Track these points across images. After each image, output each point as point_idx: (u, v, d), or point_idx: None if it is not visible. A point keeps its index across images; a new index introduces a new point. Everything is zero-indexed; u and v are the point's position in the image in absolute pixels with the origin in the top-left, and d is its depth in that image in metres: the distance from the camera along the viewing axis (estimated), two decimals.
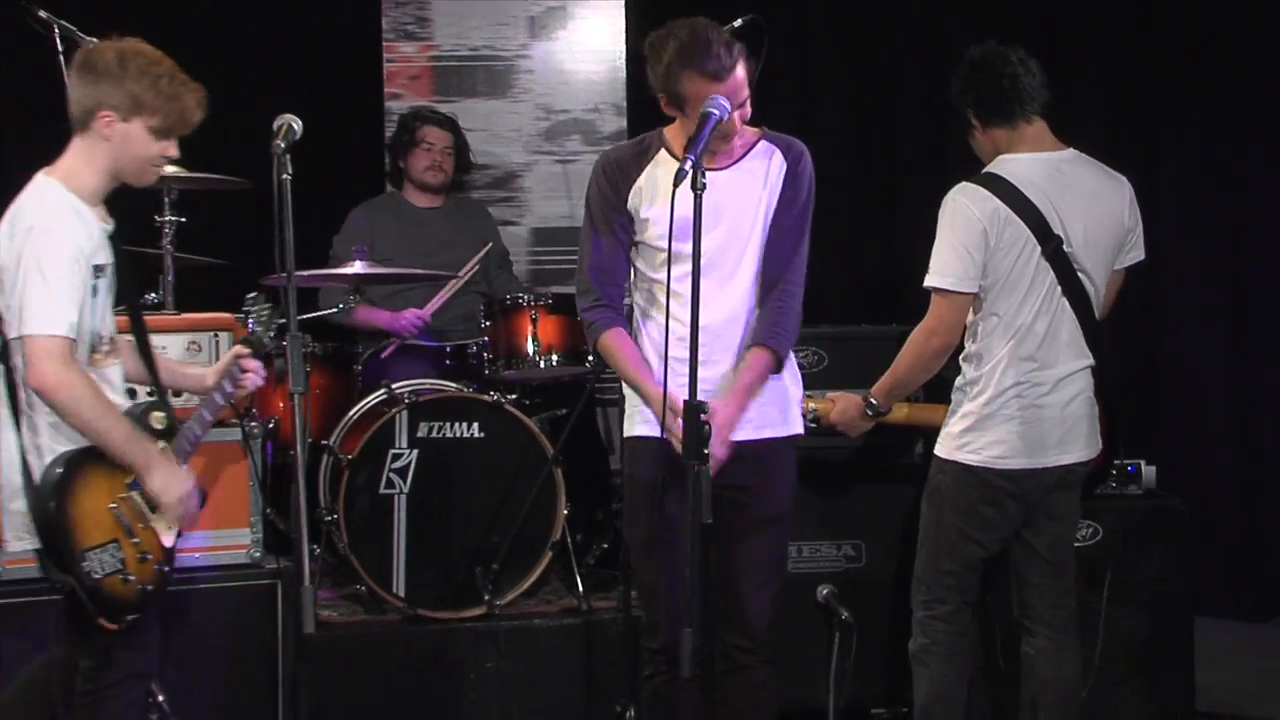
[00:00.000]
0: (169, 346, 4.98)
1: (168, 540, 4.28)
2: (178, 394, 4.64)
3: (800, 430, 4.57)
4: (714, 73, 4.21)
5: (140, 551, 4.23)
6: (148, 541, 4.25)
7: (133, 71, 4.15)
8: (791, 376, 4.55)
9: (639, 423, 4.45)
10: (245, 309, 4.64)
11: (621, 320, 4.47)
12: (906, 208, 7.53)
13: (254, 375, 4.46)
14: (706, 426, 3.92)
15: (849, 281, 7.38)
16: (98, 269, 4.15)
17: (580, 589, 5.85)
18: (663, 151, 4.44)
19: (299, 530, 3.84)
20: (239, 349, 4.45)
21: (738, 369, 4.39)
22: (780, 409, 4.47)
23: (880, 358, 5.14)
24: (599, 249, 4.46)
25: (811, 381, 5.44)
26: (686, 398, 3.92)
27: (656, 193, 4.37)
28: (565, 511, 5.82)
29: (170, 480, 4.24)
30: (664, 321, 4.31)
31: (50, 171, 4.20)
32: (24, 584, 5.07)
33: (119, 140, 4.17)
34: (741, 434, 4.34)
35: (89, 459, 4.18)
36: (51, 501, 4.11)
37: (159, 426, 4.27)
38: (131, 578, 4.21)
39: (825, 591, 5.58)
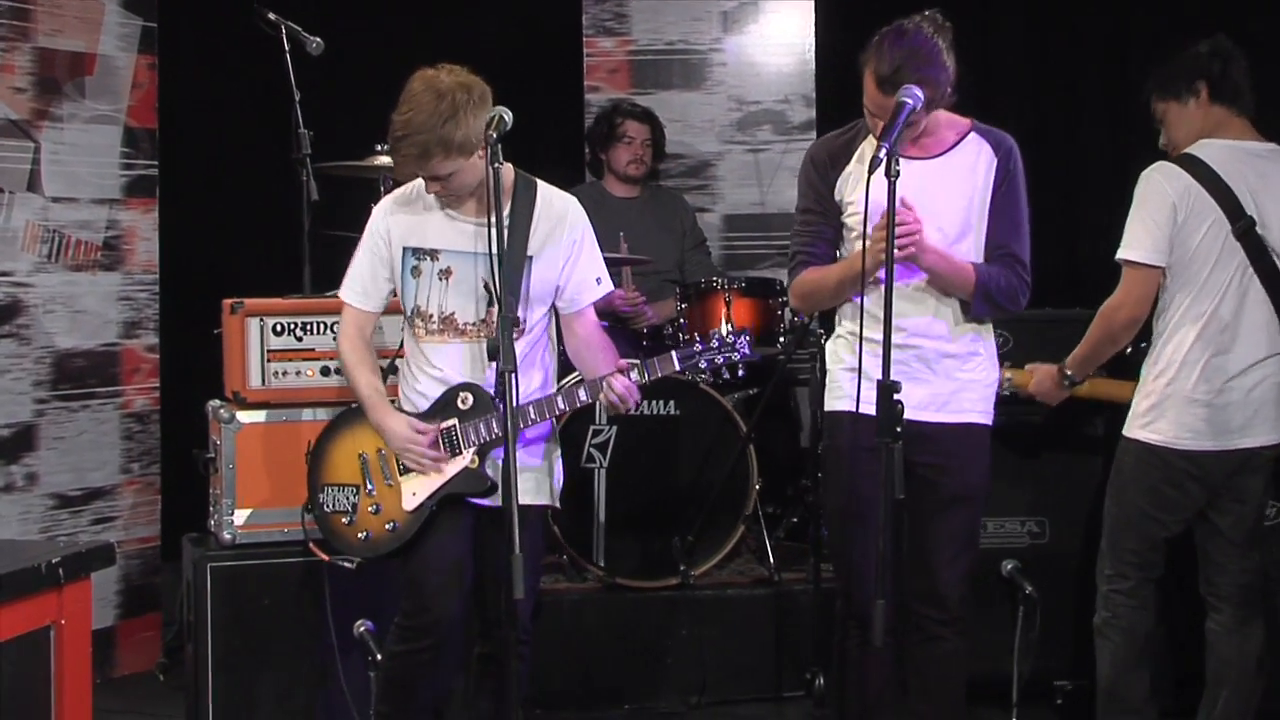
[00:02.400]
0: (384, 325, 5.05)
1: (409, 503, 4.38)
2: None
3: (990, 423, 4.45)
4: (871, 68, 4.16)
5: (374, 503, 4.44)
6: (383, 496, 4.44)
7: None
8: (991, 364, 4.48)
9: (837, 398, 4.42)
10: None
11: None
12: (1088, 196, 7.41)
13: (617, 395, 4.29)
14: (899, 405, 3.88)
15: (1033, 267, 7.24)
16: (418, 252, 4.38)
17: (771, 561, 5.89)
18: (869, 139, 4.38)
19: (509, 503, 3.85)
20: (624, 363, 4.33)
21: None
22: (982, 398, 4.41)
23: (1063, 339, 5.09)
24: (808, 228, 4.45)
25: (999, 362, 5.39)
26: (880, 377, 3.90)
27: (860, 179, 4.31)
28: (757, 486, 5.83)
29: (389, 433, 4.37)
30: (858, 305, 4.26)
31: None
32: (253, 548, 5.21)
33: None
34: (939, 416, 4.31)
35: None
36: (319, 440, 4.58)
37: (464, 407, 4.35)
38: (354, 522, 4.43)
39: (1010, 566, 5.48)
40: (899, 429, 3.87)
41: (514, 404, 3.96)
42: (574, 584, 5.83)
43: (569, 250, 4.41)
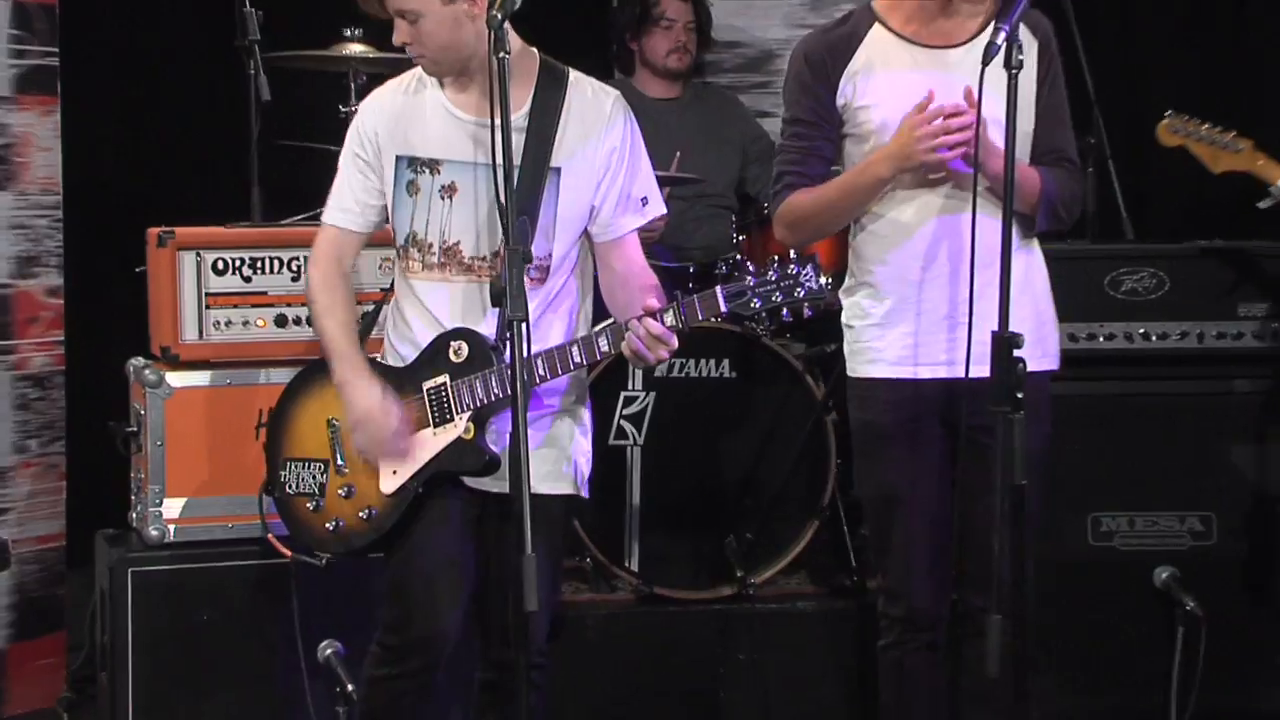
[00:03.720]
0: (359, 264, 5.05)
1: (388, 485, 4.37)
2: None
3: (1056, 366, 4.57)
4: None
5: (345, 484, 4.46)
6: (357, 475, 4.46)
7: None
8: (1048, 301, 4.60)
9: (866, 361, 4.59)
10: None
11: None
12: (1268, 98, 7.34)
13: (643, 342, 4.17)
14: (1021, 364, 3.89)
15: (1193, 191, 7.20)
16: (414, 162, 4.36)
17: (853, 564, 5.90)
18: (876, 27, 4.50)
19: (520, 488, 3.82)
20: (652, 305, 4.19)
21: None
22: (1036, 339, 4.42)
23: (1236, 279, 5.01)
24: (797, 142, 4.57)
25: (1150, 311, 5.45)
26: (996, 329, 3.93)
27: (873, 76, 4.47)
28: (836, 469, 5.81)
29: (354, 402, 4.34)
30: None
31: None
32: (190, 548, 5.24)
33: None
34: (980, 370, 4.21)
35: None
36: (281, 400, 4.63)
37: (456, 359, 4.33)
38: (322, 507, 4.49)
39: (1165, 575, 5.50)
40: (1020, 394, 3.88)
41: (524, 360, 3.90)
42: (600, 594, 5.86)
43: (607, 161, 4.37)
